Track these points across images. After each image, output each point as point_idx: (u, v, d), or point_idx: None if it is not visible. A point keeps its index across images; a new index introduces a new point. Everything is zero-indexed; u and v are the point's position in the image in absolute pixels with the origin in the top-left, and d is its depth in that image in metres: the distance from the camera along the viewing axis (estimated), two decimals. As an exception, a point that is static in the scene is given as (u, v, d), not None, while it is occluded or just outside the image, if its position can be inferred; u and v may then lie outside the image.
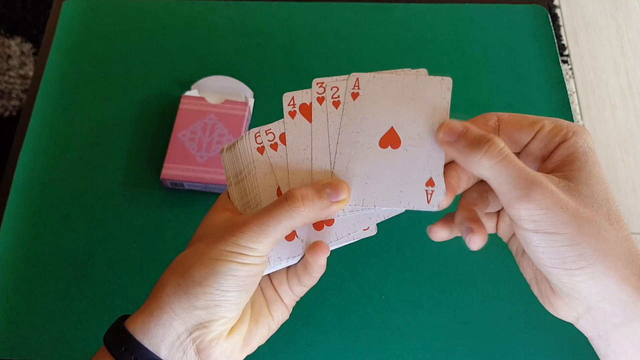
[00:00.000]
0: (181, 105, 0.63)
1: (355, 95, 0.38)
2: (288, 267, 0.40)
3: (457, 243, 0.60)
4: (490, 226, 0.39)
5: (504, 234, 0.39)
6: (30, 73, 1.36)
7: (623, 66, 1.46)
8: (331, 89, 0.38)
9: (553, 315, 0.57)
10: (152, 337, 0.33)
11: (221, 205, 0.39)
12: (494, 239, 0.60)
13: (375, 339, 0.56)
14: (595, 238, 0.31)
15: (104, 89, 0.68)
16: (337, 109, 0.39)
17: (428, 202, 0.37)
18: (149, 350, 0.33)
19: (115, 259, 0.59)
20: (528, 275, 0.37)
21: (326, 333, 0.56)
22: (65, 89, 0.68)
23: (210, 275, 0.33)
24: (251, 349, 0.38)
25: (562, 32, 1.50)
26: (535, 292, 0.36)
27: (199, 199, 0.62)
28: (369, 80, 0.38)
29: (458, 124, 0.35)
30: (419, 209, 0.37)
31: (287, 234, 0.36)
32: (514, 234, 0.38)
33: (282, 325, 0.41)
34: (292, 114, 0.39)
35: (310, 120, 0.39)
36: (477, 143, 0.33)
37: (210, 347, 0.34)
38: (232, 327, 0.36)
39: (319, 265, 0.38)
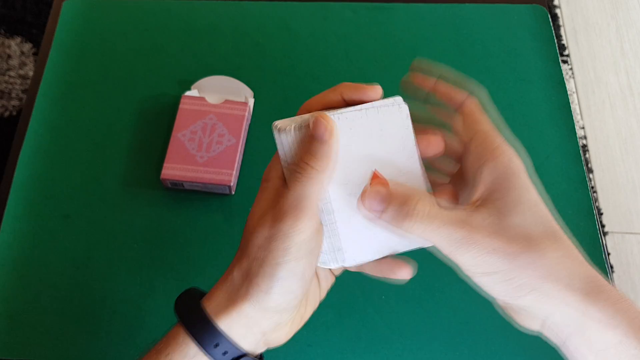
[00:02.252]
0: (181, 105, 0.63)
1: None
2: None
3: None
4: None
5: None
6: (30, 73, 1.36)
7: (623, 66, 1.46)
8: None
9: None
10: (234, 334, 0.36)
11: (272, 186, 0.37)
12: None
13: (375, 339, 0.56)
14: (529, 268, 0.33)
15: (104, 89, 0.68)
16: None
17: None
18: (238, 347, 0.36)
19: (115, 259, 0.59)
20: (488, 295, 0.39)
21: (326, 333, 0.56)
22: (65, 89, 0.68)
23: (275, 283, 0.35)
24: (306, 319, 0.40)
25: (562, 32, 1.50)
26: (502, 309, 0.38)
27: (199, 199, 0.62)
28: (337, 120, 0.36)
29: (380, 190, 0.36)
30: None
31: (320, 194, 0.35)
32: None
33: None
34: None
35: None
36: (403, 210, 0.35)
37: (276, 335, 0.38)
38: None
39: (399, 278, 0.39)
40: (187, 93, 0.64)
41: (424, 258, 0.59)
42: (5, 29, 1.42)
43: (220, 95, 0.65)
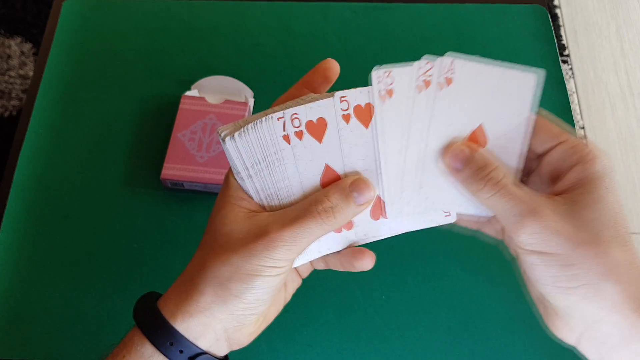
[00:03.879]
0: (181, 105, 0.63)
1: (448, 81, 0.35)
2: None
3: (457, 243, 0.60)
4: (495, 232, 0.40)
5: (509, 243, 0.39)
6: (30, 73, 1.36)
7: (623, 66, 1.46)
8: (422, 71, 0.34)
9: (553, 315, 0.57)
10: (191, 332, 0.35)
11: (235, 197, 0.37)
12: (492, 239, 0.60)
13: (375, 339, 0.56)
14: (590, 260, 0.32)
15: (104, 89, 0.68)
16: (420, 92, 0.35)
17: None
18: (194, 345, 0.35)
19: (115, 259, 0.59)
20: (534, 295, 0.38)
21: (326, 333, 0.56)
22: (65, 89, 0.68)
23: (248, 290, 0.35)
24: (269, 321, 0.40)
25: (562, 32, 1.49)
26: (541, 312, 0.37)
27: (199, 199, 0.62)
28: (464, 65, 0.35)
29: (464, 150, 0.36)
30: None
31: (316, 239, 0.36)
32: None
33: (282, 325, 0.41)
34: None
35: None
36: (477, 175, 0.35)
37: (238, 335, 0.37)
38: None
39: (360, 270, 0.39)
40: (187, 93, 0.64)
41: (424, 258, 0.60)
42: (5, 29, 1.42)
43: (220, 95, 0.65)
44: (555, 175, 0.36)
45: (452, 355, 0.55)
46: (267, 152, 0.35)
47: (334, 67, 0.39)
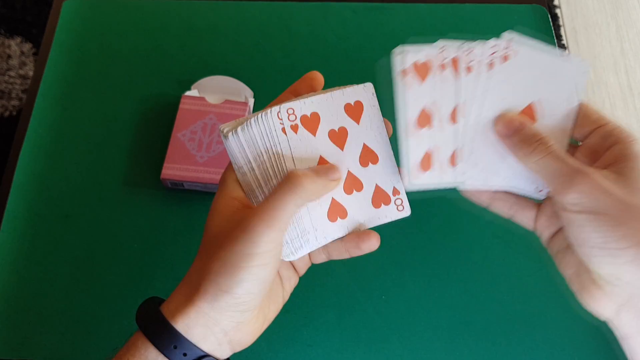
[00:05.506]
0: (181, 105, 0.63)
1: (506, 58, 0.37)
2: None
3: (457, 243, 0.60)
4: (527, 220, 0.40)
5: (543, 230, 0.40)
6: (30, 73, 1.36)
7: (623, 66, 1.46)
8: (465, 52, 0.37)
9: (552, 316, 0.57)
10: (193, 335, 0.36)
11: (228, 197, 0.38)
12: (492, 239, 0.61)
13: (375, 339, 0.56)
14: (639, 222, 0.32)
15: (104, 89, 0.68)
16: (468, 74, 0.37)
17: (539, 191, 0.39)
18: (197, 348, 0.35)
19: (115, 259, 0.59)
20: (570, 271, 0.38)
21: (326, 333, 0.56)
22: (65, 89, 0.68)
23: (236, 284, 0.35)
24: (269, 320, 0.40)
25: (562, 32, 1.49)
26: (576, 288, 0.37)
27: (199, 199, 0.62)
28: (522, 44, 0.37)
29: (516, 120, 0.37)
30: (527, 194, 0.39)
31: (294, 214, 0.36)
32: (554, 234, 0.39)
33: (282, 325, 0.41)
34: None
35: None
36: (528, 140, 0.36)
37: (239, 335, 0.37)
38: None
39: (367, 252, 0.39)
40: (187, 93, 0.64)
41: (424, 258, 0.60)
42: (5, 29, 1.42)
43: (220, 95, 0.65)
44: (593, 157, 0.37)
45: (452, 355, 0.55)
46: (269, 145, 0.37)
47: (318, 78, 0.41)
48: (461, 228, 0.60)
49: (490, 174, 0.39)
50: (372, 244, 0.39)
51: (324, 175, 0.37)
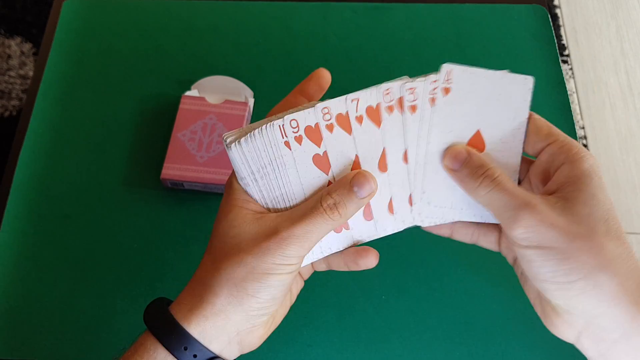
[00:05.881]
0: (181, 105, 0.63)
1: (447, 90, 0.37)
2: None
3: (457, 243, 0.60)
4: (491, 244, 0.41)
5: (506, 252, 0.40)
6: (30, 73, 1.36)
7: (623, 66, 1.46)
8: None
9: (553, 315, 0.57)
10: (205, 335, 0.36)
11: (240, 201, 0.38)
12: (494, 239, 0.60)
13: (375, 339, 0.56)
14: (587, 253, 0.32)
15: (104, 89, 0.68)
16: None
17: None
18: (208, 349, 0.36)
19: (115, 259, 0.59)
20: (532, 296, 0.38)
21: (326, 333, 0.56)
22: (65, 89, 0.68)
23: (264, 288, 0.35)
24: (277, 324, 0.41)
25: (562, 32, 1.49)
26: (539, 312, 0.38)
27: (199, 199, 0.62)
28: (461, 74, 0.37)
29: (463, 151, 0.37)
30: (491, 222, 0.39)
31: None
32: (517, 258, 0.39)
33: (282, 325, 0.41)
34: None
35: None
36: (474, 173, 0.36)
37: (250, 337, 0.38)
38: None
39: (364, 269, 0.40)
40: (187, 93, 0.64)
41: (424, 258, 0.60)
42: (5, 29, 1.41)
43: (220, 95, 0.65)
44: (545, 177, 0.37)
45: (452, 355, 0.55)
46: (272, 157, 0.37)
47: (326, 76, 0.40)
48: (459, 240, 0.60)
49: (447, 209, 0.39)
50: (370, 261, 0.39)
51: (359, 194, 0.37)
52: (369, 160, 0.38)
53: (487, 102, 0.37)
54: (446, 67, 0.36)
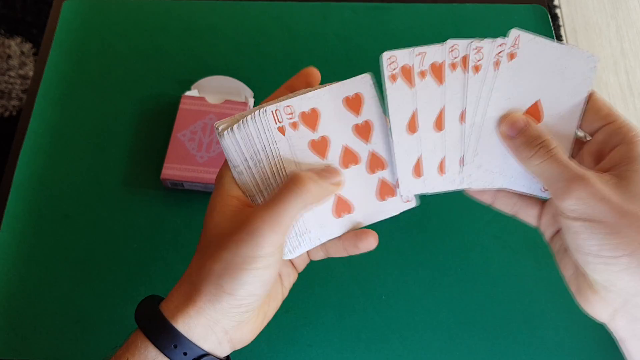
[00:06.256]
0: (181, 105, 0.63)
1: (512, 56, 0.37)
2: None
3: (458, 243, 0.60)
4: (531, 218, 0.40)
5: (546, 228, 0.40)
6: (30, 73, 1.36)
7: (623, 66, 1.46)
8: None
9: (552, 316, 0.57)
10: (193, 334, 0.36)
11: (227, 197, 0.38)
12: (492, 239, 0.61)
13: (375, 339, 0.56)
14: (635, 230, 0.32)
15: (104, 89, 0.68)
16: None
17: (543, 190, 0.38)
18: (198, 347, 0.35)
19: (115, 259, 0.59)
20: (568, 272, 0.38)
21: (326, 333, 0.56)
22: (65, 89, 0.68)
23: (240, 285, 0.35)
24: (269, 318, 0.40)
25: (562, 32, 1.49)
26: (574, 290, 0.37)
27: (199, 199, 0.62)
28: (528, 41, 0.37)
29: (521, 120, 0.37)
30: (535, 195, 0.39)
31: (297, 216, 0.36)
32: (556, 233, 0.39)
33: (282, 325, 0.41)
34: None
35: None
36: (530, 142, 0.36)
37: (239, 334, 0.37)
38: None
39: (365, 251, 0.39)
40: (187, 93, 0.64)
41: (424, 258, 0.60)
42: (5, 29, 1.42)
43: (220, 95, 0.65)
44: (598, 156, 0.37)
45: (452, 355, 0.55)
46: (266, 143, 0.37)
47: (315, 74, 0.40)
48: (461, 228, 0.60)
49: (496, 175, 0.39)
50: (370, 242, 0.39)
51: (327, 178, 0.37)
52: (426, 117, 0.38)
53: (550, 73, 0.37)
54: (515, 32, 0.36)
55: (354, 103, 0.39)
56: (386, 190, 0.40)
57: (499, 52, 0.37)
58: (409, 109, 0.37)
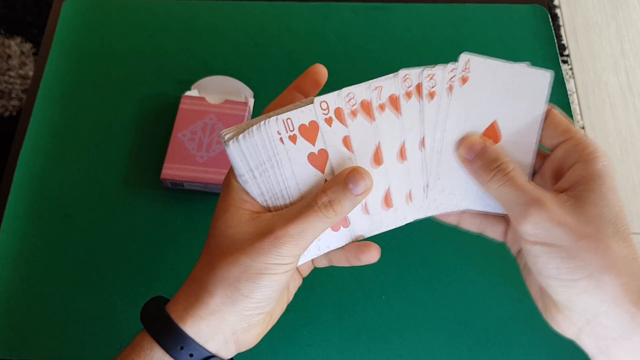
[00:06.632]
0: (181, 105, 0.63)
1: (464, 80, 0.37)
2: None
3: (457, 243, 0.60)
4: (497, 235, 0.41)
5: (512, 244, 0.41)
6: (30, 73, 1.36)
7: (623, 66, 1.46)
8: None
9: (553, 315, 0.57)
10: (201, 335, 0.36)
11: (237, 200, 0.38)
12: (492, 239, 0.60)
13: (375, 339, 0.56)
14: (592, 253, 0.32)
15: (104, 89, 0.68)
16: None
17: None
18: (204, 348, 0.35)
19: (115, 259, 0.59)
20: (533, 290, 0.38)
21: (326, 333, 0.56)
22: (65, 89, 0.68)
23: (257, 289, 0.35)
24: (274, 322, 0.40)
25: (562, 32, 1.49)
26: (540, 307, 0.38)
27: (199, 199, 0.62)
28: (479, 64, 0.37)
29: (477, 143, 0.37)
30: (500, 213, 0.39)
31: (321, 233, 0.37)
32: (521, 250, 0.39)
33: (282, 325, 0.41)
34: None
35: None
36: (488, 166, 0.36)
37: (247, 336, 0.37)
38: None
39: (366, 263, 0.39)
40: (187, 93, 0.64)
41: (424, 258, 0.60)
42: (5, 29, 1.42)
43: (220, 95, 0.65)
44: (558, 173, 0.37)
45: (452, 355, 0.55)
46: (272, 153, 0.36)
47: (322, 72, 0.40)
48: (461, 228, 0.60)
49: (459, 198, 0.39)
50: (372, 256, 0.39)
51: (350, 194, 0.36)
52: (389, 149, 0.38)
53: (504, 93, 0.37)
54: (465, 57, 0.37)
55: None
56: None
57: (451, 78, 0.37)
58: (371, 144, 0.37)
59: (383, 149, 0.38)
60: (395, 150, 0.38)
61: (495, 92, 0.37)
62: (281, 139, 0.36)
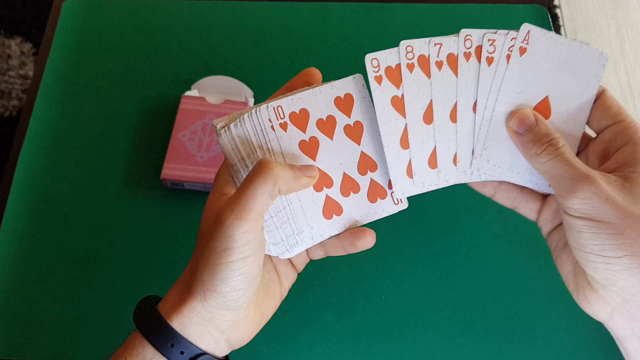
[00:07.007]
0: (181, 105, 0.63)
1: (522, 51, 0.37)
2: None
3: (457, 243, 0.60)
4: (530, 212, 0.41)
5: (545, 223, 0.40)
6: (30, 73, 1.36)
7: (623, 66, 1.46)
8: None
9: (552, 316, 0.57)
10: (190, 333, 0.35)
11: (219, 194, 0.38)
12: (492, 239, 0.61)
13: (375, 339, 0.56)
14: (638, 232, 0.32)
15: (104, 88, 0.68)
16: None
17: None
18: (195, 346, 0.35)
19: (115, 259, 0.59)
20: (566, 269, 0.38)
21: (326, 333, 0.56)
22: (65, 89, 0.68)
23: (219, 281, 0.34)
24: (267, 317, 0.40)
25: (562, 32, 1.49)
26: (571, 288, 0.38)
27: (199, 199, 0.62)
28: (539, 36, 0.37)
29: (530, 116, 0.37)
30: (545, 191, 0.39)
31: (269, 202, 0.35)
32: (554, 229, 0.39)
33: (282, 325, 0.41)
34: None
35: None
36: (538, 140, 0.36)
37: (236, 333, 0.37)
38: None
39: (362, 249, 0.39)
40: (187, 93, 0.64)
41: (424, 258, 0.60)
42: (5, 29, 1.42)
43: (220, 95, 0.65)
44: (604, 155, 0.37)
45: (452, 355, 0.55)
46: (263, 141, 0.37)
47: (315, 75, 0.40)
48: (461, 228, 0.60)
49: (504, 170, 0.39)
50: (368, 241, 0.38)
51: (300, 169, 0.37)
52: (441, 108, 0.38)
53: (560, 70, 0.37)
54: (525, 27, 0.36)
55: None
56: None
57: (511, 47, 0.37)
58: (425, 100, 0.37)
59: (435, 107, 0.37)
60: (448, 110, 0.38)
61: (551, 67, 0.37)
62: (272, 126, 0.36)
